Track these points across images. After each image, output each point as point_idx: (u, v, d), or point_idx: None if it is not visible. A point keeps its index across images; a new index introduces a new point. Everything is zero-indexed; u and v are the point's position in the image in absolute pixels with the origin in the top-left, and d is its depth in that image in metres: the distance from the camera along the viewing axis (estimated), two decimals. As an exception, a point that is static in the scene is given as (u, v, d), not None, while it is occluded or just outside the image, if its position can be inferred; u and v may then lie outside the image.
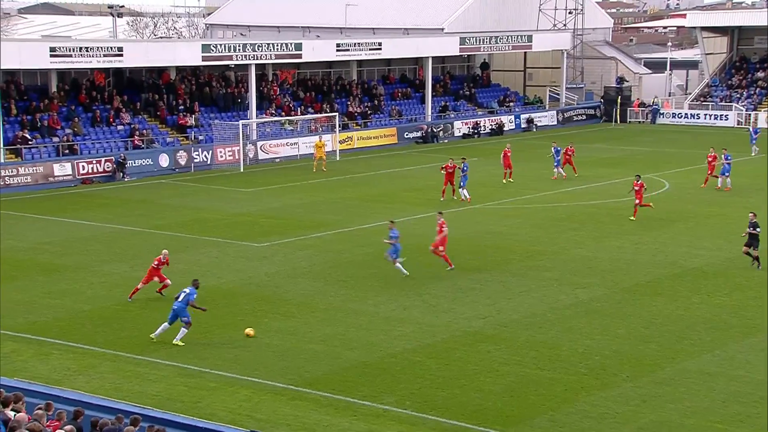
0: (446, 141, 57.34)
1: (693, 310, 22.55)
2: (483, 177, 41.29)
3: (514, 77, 71.08)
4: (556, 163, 41.60)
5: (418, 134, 57.28)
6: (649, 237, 30.42)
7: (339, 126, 52.54)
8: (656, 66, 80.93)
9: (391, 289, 24.47)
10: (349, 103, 57.42)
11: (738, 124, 62.85)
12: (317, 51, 54.66)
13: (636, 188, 32.53)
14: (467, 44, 61.54)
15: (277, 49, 51.82)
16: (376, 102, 58.80)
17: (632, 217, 32.39)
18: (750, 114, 63.15)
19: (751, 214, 26.54)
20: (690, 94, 71.81)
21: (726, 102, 65.29)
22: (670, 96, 74.58)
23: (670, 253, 28.02)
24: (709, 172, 39.15)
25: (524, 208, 35.48)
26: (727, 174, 38.56)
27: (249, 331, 20.77)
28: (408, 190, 40.03)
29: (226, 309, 22.97)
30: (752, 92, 65.62)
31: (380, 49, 57.25)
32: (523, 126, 62.84)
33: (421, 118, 59.59)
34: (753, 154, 47.95)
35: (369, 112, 57.67)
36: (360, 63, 61.05)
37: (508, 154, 41.00)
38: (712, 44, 71.19)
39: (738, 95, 65.88)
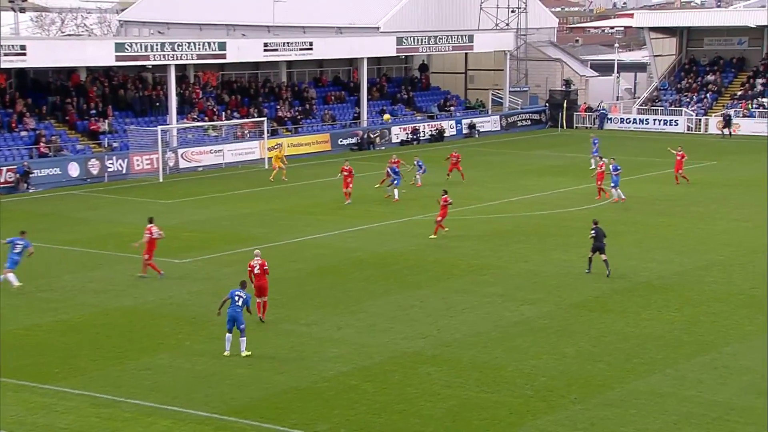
0: (383, 148, 57.58)
1: (643, 327, 23.02)
2: (423, 187, 41.54)
3: (454, 80, 71.79)
4: (422, 171, 42.53)
5: (354, 141, 57.41)
6: (597, 249, 30.96)
7: (267, 132, 52.34)
8: (603, 68, 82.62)
9: (324, 308, 24.44)
10: (278, 107, 57.28)
11: (688, 130, 64.49)
12: (243, 51, 54.43)
13: (442, 203, 32.19)
14: (405, 44, 62.00)
15: (199, 48, 51.46)
16: (307, 106, 58.78)
17: (433, 236, 32.00)
18: (700, 119, 64.82)
19: (593, 223, 27.97)
20: (638, 98, 73.43)
21: (676, 106, 66.92)
22: (618, 100, 76.16)
23: (618, 266, 28.55)
24: (598, 182, 39.62)
25: (466, 220, 35.81)
26: (615, 185, 38.82)
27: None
28: (343, 201, 40.07)
29: (143, 331, 22.66)
30: (703, 96, 67.35)
31: (311, 49, 57.29)
32: (464, 132, 63.51)
33: (356, 123, 59.72)
34: (593, 167, 46.20)
35: (300, 116, 57.61)
36: (290, 64, 60.97)
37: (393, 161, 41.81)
38: (660, 45, 72.95)
39: (688, 99, 67.55)
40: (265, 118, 52.98)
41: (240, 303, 20.87)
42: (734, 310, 24.23)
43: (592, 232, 27.69)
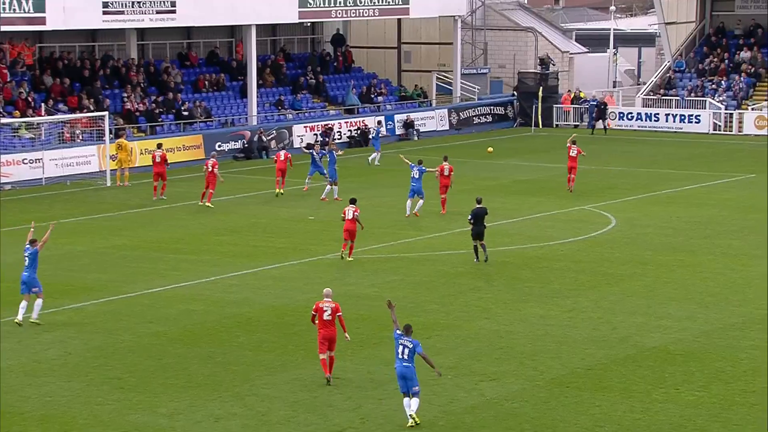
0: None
1: (654, 412, 23.28)
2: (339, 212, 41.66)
3: (383, 58, 72.20)
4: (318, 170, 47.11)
5: (237, 146, 57.29)
6: (587, 301, 31.30)
7: (110, 132, 51.90)
8: (595, 42, 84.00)
9: (196, 389, 24.25)
10: (125, 96, 56.91)
11: (715, 129, 65.68)
12: (71, 13, 53.92)
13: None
14: (310, 7, 62.20)
15: (5, 8, 50.87)
16: (169, 95, 58.53)
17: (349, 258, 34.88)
18: (732, 114, 65.96)
19: (476, 201, 34.92)
20: (644, 84, 74.70)
21: (697, 96, 68.10)
22: (615, 87, 77.42)
23: (618, 324, 28.85)
24: (442, 193, 42.23)
25: (403, 258, 35.89)
26: (416, 195, 41.29)
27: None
28: (221, 233, 39.90)
29: None
30: (734, 81, 68.51)
31: (174, 11, 57.07)
32: (398, 132, 63.83)
33: (241, 120, 59.62)
34: (371, 161, 54.22)
35: (158, 110, 57.29)
36: (142, 33, 60.64)
37: (281, 158, 46.83)
38: (675, 9, 74.15)
39: (714, 86, 68.80)
40: (106, 113, 52.54)
41: (406, 355, 21.78)
42: (782, 386, 24.65)
43: (470, 215, 34.11)
